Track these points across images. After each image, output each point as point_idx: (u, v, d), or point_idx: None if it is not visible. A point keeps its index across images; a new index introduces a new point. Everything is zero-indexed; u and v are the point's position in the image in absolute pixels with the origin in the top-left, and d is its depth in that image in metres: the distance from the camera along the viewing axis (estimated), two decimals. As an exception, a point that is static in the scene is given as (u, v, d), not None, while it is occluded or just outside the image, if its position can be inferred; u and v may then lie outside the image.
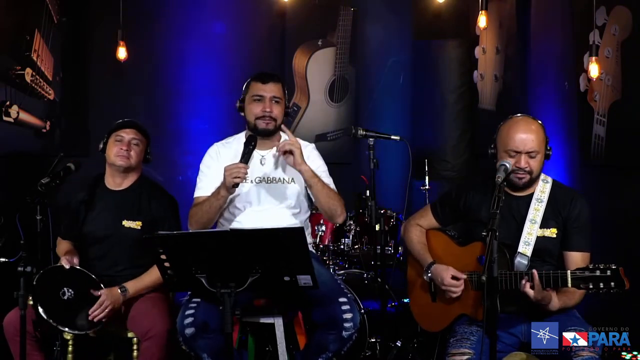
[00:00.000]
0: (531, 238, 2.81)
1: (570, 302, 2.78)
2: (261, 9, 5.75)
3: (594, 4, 4.09)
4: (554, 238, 2.84)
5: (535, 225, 2.83)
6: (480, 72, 5.78)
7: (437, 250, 3.07)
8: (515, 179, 2.83)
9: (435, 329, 3.11)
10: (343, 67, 5.95)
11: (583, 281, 2.60)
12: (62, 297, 3.10)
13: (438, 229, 3.14)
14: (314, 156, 3.25)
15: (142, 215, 3.28)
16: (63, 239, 3.41)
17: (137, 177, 3.38)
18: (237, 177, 2.94)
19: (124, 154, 3.27)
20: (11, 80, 4.93)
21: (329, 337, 2.92)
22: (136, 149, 3.30)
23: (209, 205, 3.07)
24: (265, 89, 3.16)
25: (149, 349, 3.06)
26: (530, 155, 2.80)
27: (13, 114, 4.95)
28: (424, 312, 3.14)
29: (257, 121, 3.15)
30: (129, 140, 3.29)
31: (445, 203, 3.12)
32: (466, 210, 3.01)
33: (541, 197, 2.87)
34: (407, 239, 3.17)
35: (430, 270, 2.99)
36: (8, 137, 4.93)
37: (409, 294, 3.25)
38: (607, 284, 2.55)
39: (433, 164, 5.19)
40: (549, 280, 2.66)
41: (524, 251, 2.80)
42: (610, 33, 4.05)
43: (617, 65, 4.01)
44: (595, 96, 4.22)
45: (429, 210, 3.16)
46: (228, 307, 2.49)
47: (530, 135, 2.80)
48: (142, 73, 5.56)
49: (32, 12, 5.03)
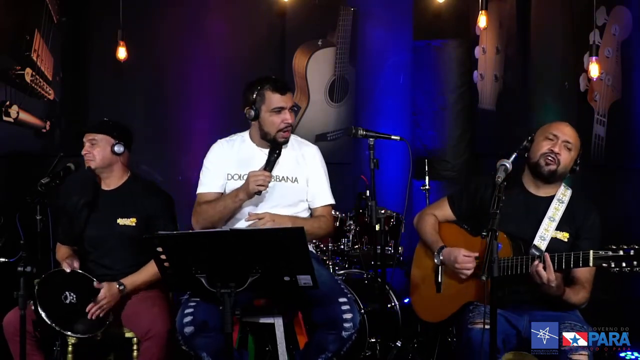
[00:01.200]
0: (547, 234, 2.88)
1: (574, 297, 2.81)
2: (261, 9, 5.75)
3: (594, 4, 4.09)
4: (565, 242, 2.90)
5: (553, 223, 2.89)
6: (480, 72, 5.78)
7: (449, 238, 3.10)
8: (543, 163, 2.90)
9: (435, 319, 3.15)
10: (343, 67, 5.94)
11: (605, 260, 2.63)
12: (65, 302, 3.10)
13: (452, 222, 3.17)
14: (317, 161, 3.28)
15: (136, 212, 3.29)
16: (62, 244, 3.42)
17: (127, 175, 3.39)
18: (261, 185, 2.98)
19: (87, 158, 3.30)
20: (11, 80, 4.93)
21: (329, 337, 2.92)
22: (96, 149, 3.31)
23: (224, 207, 3.08)
24: (286, 100, 3.14)
25: (149, 349, 3.06)
26: (567, 145, 2.90)
27: (13, 114, 4.95)
28: (426, 303, 3.18)
29: (278, 134, 3.13)
30: (87, 143, 3.32)
31: (463, 195, 3.17)
32: (481, 204, 3.04)
33: (563, 198, 2.95)
34: (420, 226, 3.21)
35: (442, 253, 3.02)
36: (8, 137, 4.93)
37: (411, 286, 3.27)
38: (630, 263, 2.59)
39: (433, 164, 5.19)
40: (569, 261, 2.70)
41: (539, 244, 2.86)
42: (610, 33, 4.06)
43: (617, 65, 4.01)
44: (595, 96, 4.22)
45: (445, 201, 3.21)
46: (228, 307, 2.50)
47: (571, 130, 2.96)
48: (142, 73, 5.56)
49: (32, 12, 5.03)
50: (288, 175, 3.21)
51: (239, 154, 3.22)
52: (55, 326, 3.04)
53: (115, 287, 3.15)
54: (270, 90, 3.12)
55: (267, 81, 3.15)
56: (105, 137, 3.33)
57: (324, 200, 3.25)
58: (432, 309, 3.15)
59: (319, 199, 3.25)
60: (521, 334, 2.85)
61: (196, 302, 2.92)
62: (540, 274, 2.70)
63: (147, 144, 5.57)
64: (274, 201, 3.16)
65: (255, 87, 3.15)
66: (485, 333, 2.59)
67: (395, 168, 4.83)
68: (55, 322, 3.04)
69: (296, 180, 3.21)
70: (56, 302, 3.08)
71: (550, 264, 2.69)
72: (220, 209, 3.09)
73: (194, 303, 2.91)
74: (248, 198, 3.06)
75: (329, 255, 4.34)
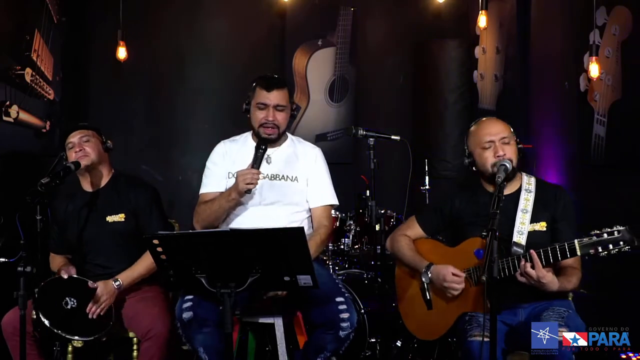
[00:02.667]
0: (524, 227, 2.86)
1: (568, 285, 2.80)
2: (261, 9, 5.75)
3: (594, 4, 4.10)
4: (544, 231, 2.88)
5: (527, 215, 2.87)
6: (480, 72, 5.78)
7: (428, 255, 3.07)
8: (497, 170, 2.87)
9: (434, 336, 3.10)
10: (343, 67, 5.95)
11: (592, 246, 2.60)
12: (66, 307, 3.10)
13: (424, 238, 3.16)
14: (318, 162, 3.29)
15: (124, 208, 3.29)
16: (55, 254, 3.41)
17: (111, 174, 3.39)
18: (250, 183, 2.99)
19: (80, 154, 3.28)
20: (11, 80, 4.92)
21: (327, 337, 2.92)
22: (89, 144, 3.29)
23: (218, 206, 3.10)
24: (270, 97, 3.16)
25: (149, 349, 3.06)
26: (504, 141, 2.89)
27: (13, 114, 4.94)
28: (419, 322, 3.13)
29: (260, 129, 3.18)
30: (78, 141, 3.29)
31: (431, 212, 3.17)
32: (454, 215, 3.05)
33: (529, 187, 2.94)
34: (395, 249, 3.17)
35: (430, 271, 2.99)
36: (8, 137, 4.92)
37: (400, 309, 3.22)
38: (617, 244, 2.57)
39: (433, 164, 5.19)
40: (556, 254, 2.67)
41: (519, 240, 2.84)
42: (610, 33, 4.06)
43: (617, 65, 4.01)
44: (595, 96, 4.22)
45: (414, 220, 3.19)
46: (228, 307, 2.49)
47: (497, 125, 2.94)
48: (142, 73, 5.56)
49: (32, 12, 5.03)
50: (287, 174, 3.21)
51: (241, 152, 3.24)
52: (60, 332, 3.06)
53: (111, 283, 3.15)
54: (259, 86, 3.19)
55: (261, 78, 3.23)
56: (94, 133, 3.34)
57: (322, 201, 3.25)
58: (428, 327, 3.09)
59: (317, 199, 3.24)
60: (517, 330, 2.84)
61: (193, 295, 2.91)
62: (530, 274, 2.67)
63: (147, 144, 5.59)
64: (273, 199, 3.17)
65: (253, 81, 3.23)
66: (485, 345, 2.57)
67: (395, 168, 4.83)
68: (60, 328, 3.06)
69: (296, 179, 3.21)
70: (58, 309, 3.08)
71: (538, 261, 2.66)
72: (216, 208, 3.11)
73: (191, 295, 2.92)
74: (240, 197, 3.07)
75: (329, 255, 4.34)
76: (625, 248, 2.57)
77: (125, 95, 5.55)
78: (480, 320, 2.77)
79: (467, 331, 2.81)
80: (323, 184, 3.27)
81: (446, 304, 2.97)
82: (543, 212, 2.90)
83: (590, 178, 4.33)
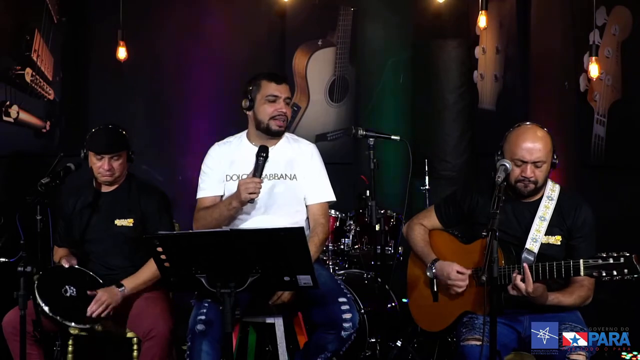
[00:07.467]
0: (539, 235, 2.83)
1: (565, 299, 2.78)
2: (261, 9, 5.75)
3: (594, 4, 4.09)
4: (558, 245, 2.86)
5: (544, 223, 2.84)
6: (480, 72, 5.78)
7: (440, 248, 3.08)
8: (521, 187, 2.84)
9: (436, 328, 3.11)
10: (343, 67, 5.95)
11: (596, 269, 2.59)
12: (65, 295, 3.11)
13: (441, 229, 3.15)
14: (314, 158, 3.27)
15: (133, 213, 3.30)
16: (59, 247, 3.42)
17: (124, 176, 3.39)
18: (252, 193, 2.97)
19: (107, 175, 3.27)
20: (11, 80, 4.93)
21: (328, 337, 2.92)
22: (117, 163, 3.29)
23: (219, 214, 3.08)
24: (280, 89, 3.16)
25: (151, 350, 3.06)
26: (537, 165, 2.81)
27: (13, 114, 4.95)
28: (424, 312, 3.14)
29: (271, 121, 3.14)
30: (108, 160, 3.27)
31: (449, 204, 3.14)
32: (470, 211, 3.03)
33: (552, 195, 2.89)
34: (409, 238, 3.18)
35: (434, 267, 2.99)
36: (8, 137, 4.93)
37: (408, 295, 3.25)
38: (621, 271, 2.56)
39: (433, 164, 5.18)
40: (560, 271, 2.65)
41: (531, 247, 2.81)
42: (610, 33, 4.06)
43: (617, 65, 4.01)
44: (595, 96, 4.22)
45: (432, 210, 3.18)
46: (228, 307, 2.50)
47: (537, 144, 2.81)
48: (142, 73, 5.56)
49: (32, 12, 5.03)
50: (286, 173, 3.20)
51: (236, 154, 3.22)
52: (55, 316, 3.05)
53: (115, 289, 3.15)
54: (266, 79, 3.17)
55: (264, 73, 3.21)
56: (125, 152, 3.34)
57: (319, 197, 3.22)
58: (431, 317, 3.11)
59: (314, 196, 3.22)
60: (521, 335, 2.84)
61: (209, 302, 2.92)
62: (519, 287, 2.66)
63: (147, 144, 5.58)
64: (274, 199, 3.16)
65: (252, 79, 3.21)
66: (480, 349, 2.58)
67: (395, 168, 4.83)
68: (57, 313, 3.05)
69: (295, 178, 3.20)
70: (57, 295, 3.09)
71: (530, 275, 2.64)
72: (216, 216, 3.09)
73: (207, 304, 2.92)
74: (241, 206, 3.06)
75: (329, 255, 4.34)
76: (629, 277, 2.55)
77: (125, 95, 5.55)
78: (478, 323, 2.77)
79: (462, 334, 2.82)
80: (319, 180, 3.25)
81: (450, 300, 2.98)
82: (560, 226, 2.86)
83: (590, 178, 4.32)
